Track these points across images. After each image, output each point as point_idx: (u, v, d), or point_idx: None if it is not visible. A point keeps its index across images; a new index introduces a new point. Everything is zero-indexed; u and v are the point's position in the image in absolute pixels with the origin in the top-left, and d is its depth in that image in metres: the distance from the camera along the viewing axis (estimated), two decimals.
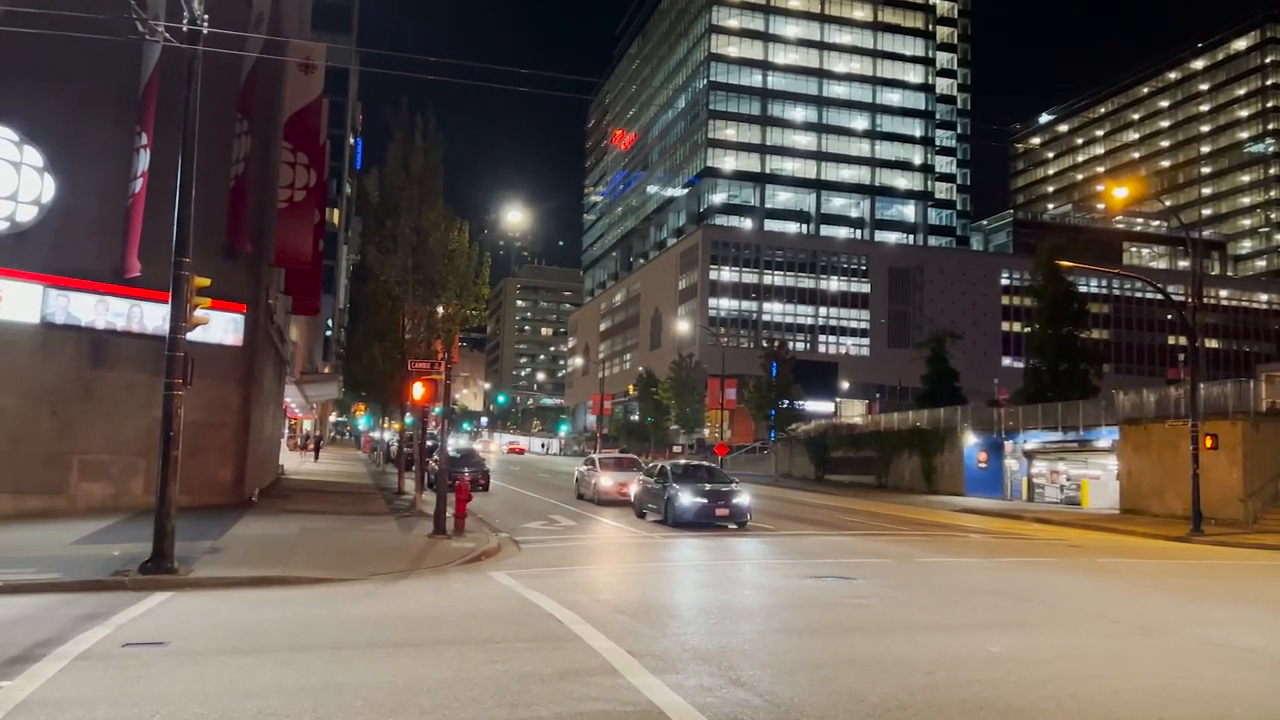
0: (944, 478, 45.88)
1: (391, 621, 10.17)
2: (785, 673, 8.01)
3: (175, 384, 13.78)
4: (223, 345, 23.57)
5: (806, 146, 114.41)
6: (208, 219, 22.69)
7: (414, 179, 25.52)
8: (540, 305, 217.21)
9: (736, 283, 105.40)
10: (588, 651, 8.62)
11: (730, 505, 22.58)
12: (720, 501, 22.64)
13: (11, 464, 20.48)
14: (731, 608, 11.60)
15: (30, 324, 20.67)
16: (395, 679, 7.46)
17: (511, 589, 12.62)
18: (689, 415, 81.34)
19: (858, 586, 13.58)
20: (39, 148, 20.83)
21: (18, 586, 12.41)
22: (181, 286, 13.88)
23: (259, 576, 13.58)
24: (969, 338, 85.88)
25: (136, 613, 10.34)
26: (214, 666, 7.76)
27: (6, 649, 8.32)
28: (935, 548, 20.06)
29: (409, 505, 26.08)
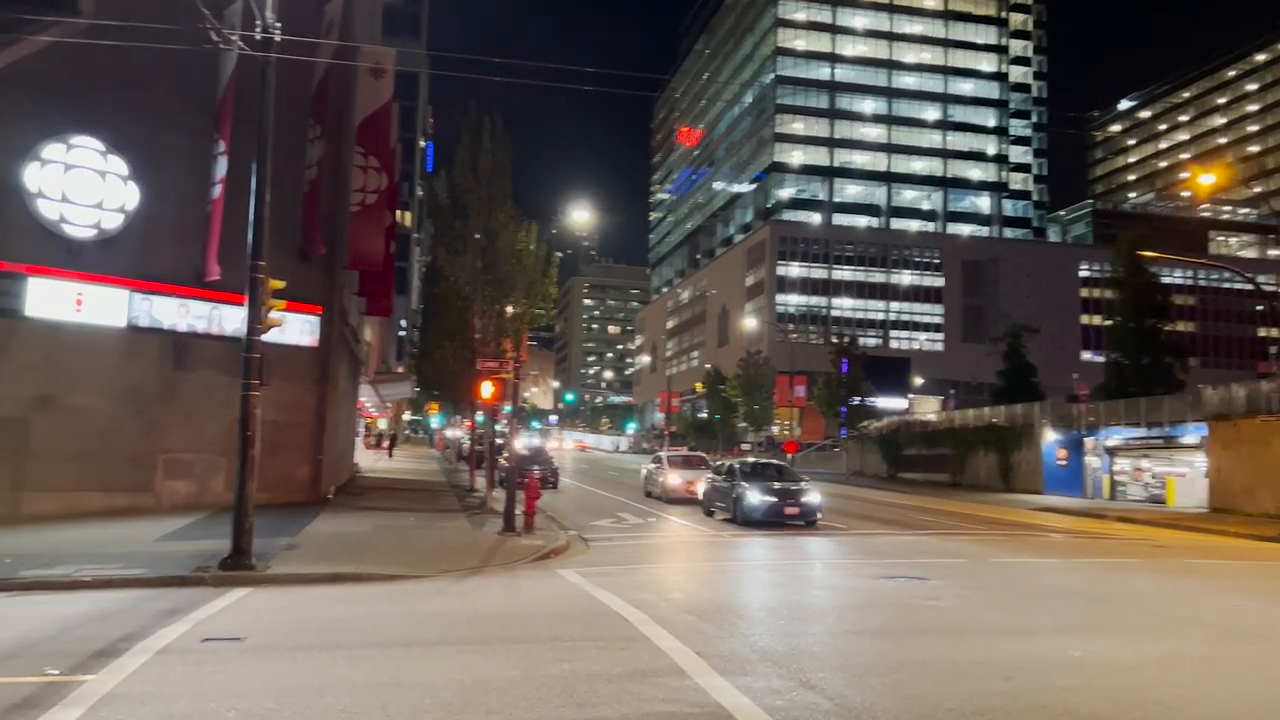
0: (1021, 476, 44.77)
1: (461, 619, 10.26)
2: (856, 676, 7.85)
3: (252, 384, 14.11)
4: (299, 346, 24.10)
5: (876, 139, 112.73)
6: (283, 223, 23.23)
7: (482, 181, 25.78)
8: (608, 304, 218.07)
9: (805, 278, 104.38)
10: (655, 651, 8.57)
11: (800, 504, 22.27)
12: (790, 500, 22.32)
13: (101, 463, 21.19)
14: (801, 608, 11.43)
15: (117, 327, 21.37)
16: (464, 677, 7.51)
17: (580, 587, 12.63)
18: (757, 413, 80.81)
19: (932, 587, 13.28)
20: (123, 157, 21.52)
21: (107, 581, 12.84)
22: (257, 289, 14.21)
23: (334, 573, 13.83)
24: (1046, 332, 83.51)
25: (215, 608, 10.60)
26: (288, 662, 7.91)
27: (93, 642, 8.60)
28: (1013, 547, 19.54)
29: (480, 503, 26.35)
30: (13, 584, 12.56)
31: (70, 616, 10.00)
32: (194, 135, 21.84)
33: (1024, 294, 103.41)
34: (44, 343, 20.50)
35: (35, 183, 20.37)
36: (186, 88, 21.91)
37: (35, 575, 13.03)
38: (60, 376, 20.71)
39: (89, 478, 21.01)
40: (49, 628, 9.37)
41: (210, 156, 21.11)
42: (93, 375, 21.12)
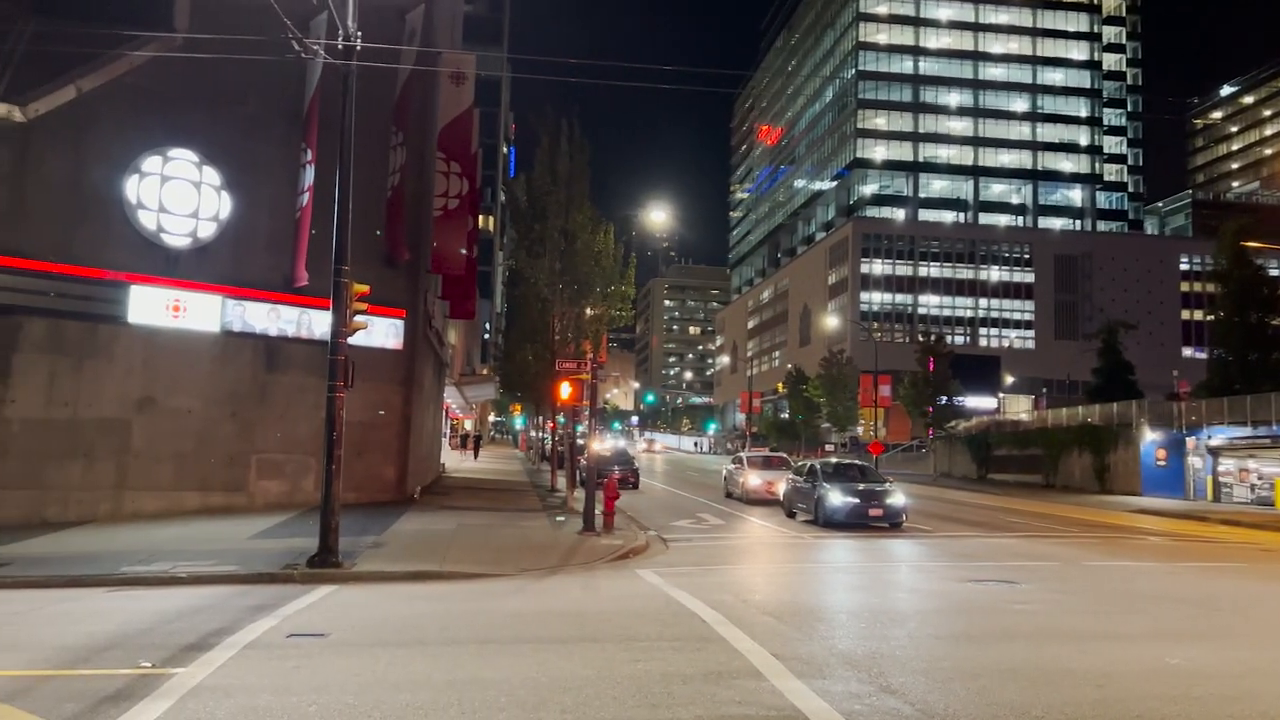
0: (1118, 477, 43.22)
1: (537, 617, 10.30)
2: (940, 681, 7.61)
3: (337, 386, 14.43)
4: (384, 349, 24.62)
5: (962, 132, 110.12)
6: (368, 229, 23.80)
7: (560, 183, 25.98)
8: (688, 304, 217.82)
9: (889, 276, 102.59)
10: (731, 653, 8.46)
11: (884, 505, 21.80)
12: (873, 501, 21.88)
13: (197, 463, 21.98)
14: (883, 611, 11.17)
15: (211, 332, 22.13)
16: (539, 675, 7.52)
17: (657, 587, 12.58)
18: (841, 413, 79.68)
19: (1021, 591, 12.85)
20: (216, 168, 22.28)
21: (200, 578, 13.28)
22: (341, 293, 14.53)
23: (416, 571, 14.06)
24: (1144, 328, 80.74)
25: (302, 605, 10.85)
26: (368, 658, 8.03)
27: (185, 636, 8.88)
28: (1107, 551, 18.83)
29: (560, 503, 26.54)
30: (113, 580, 13.08)
31: (165, 611, 10.35)
32: (283, 146, 22.51)
33: (1120, 289, 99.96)
34: (144, 347, 21.35)
35: (135, 194, 21.24)
36: (275, 100, 22.60)
37: (134, 571, 13.55)
38: (159, 380, 21.54)
39: (186, 477, 21.81)
40: (145, 621, 9.73)
41: (299, 165, 21.73)
42: (189, 378, 21.91)
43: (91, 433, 20.67)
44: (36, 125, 20.17)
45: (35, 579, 13.16)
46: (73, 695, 6.80)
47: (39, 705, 6.53)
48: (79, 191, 20.75)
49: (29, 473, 19.87)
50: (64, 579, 13.14)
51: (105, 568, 13.79)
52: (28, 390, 19.99)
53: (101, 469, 20.74)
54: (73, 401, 20.47)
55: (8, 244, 19.68)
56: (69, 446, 20.36)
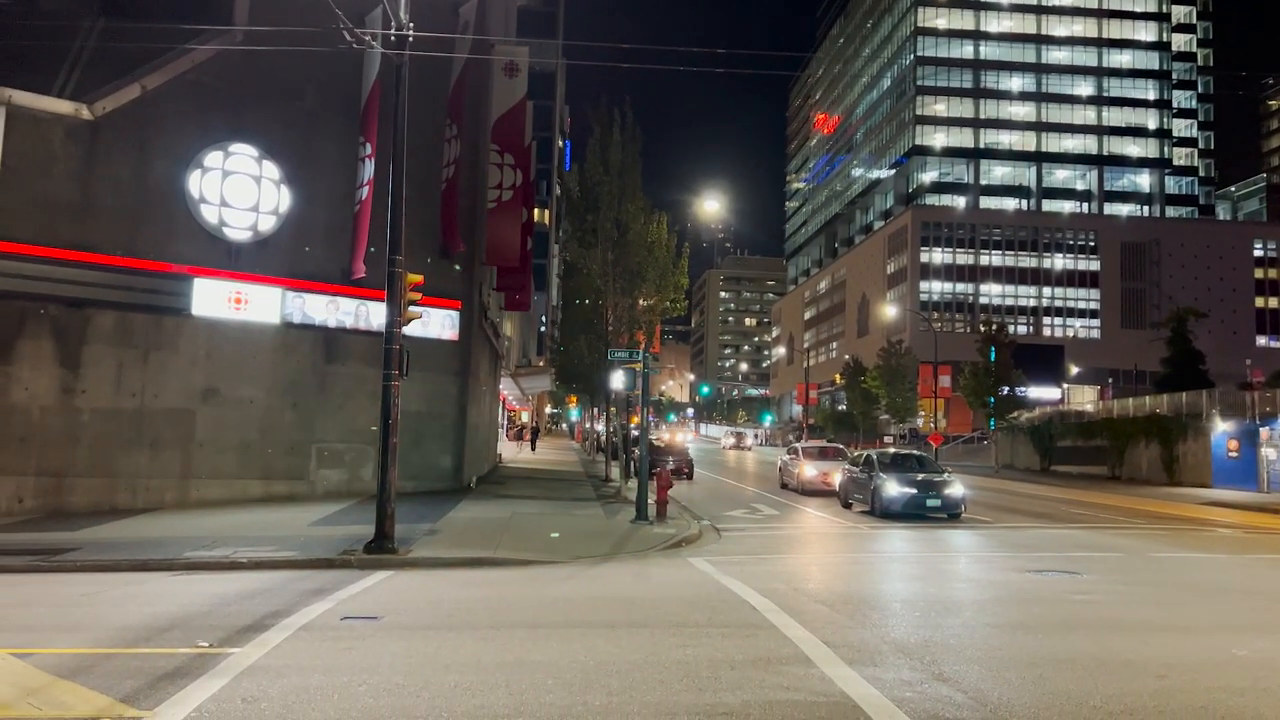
0: (1187, 468, 42.03)
1: (587, 603, 10.32)
2: (994, 670, 7.45)
3: (392, 375, 14.61)
4: (440, 340, 24.89)
5: (1024, 118, 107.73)
6: (423, 221, 24.04)
7: (613, 173, 26.04)
8: (743, 296, 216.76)
9: (950, 264, 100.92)
10: (781, 640, 8.38)
11: (942, 495, 21.49)
12: (931, 491, 21.59)
13: (260, 452, 22.44)
14: (938, 600, 10.97)
15: (272, 324, 22.54)
16: (587, 659, 7.53)
17: (709, 575, 12.52)
18: (899, 404, 78.61)
19: (1082, 582, 12.54)
20: (276, 162, 22.66)
21: (260, 563, 13.55)
22: (396, 283, 14.70)
23: (470, 558, 14.19)
24: (1215, 316, 78.51)
25: (357, 589, 11.01)
26: (419, 641, 8.11)
27: (242, 618, 9.07)
28: (1175, 542, 18.28)
29: (614, 492, 26.60)
30: (177, 564, 13.42)
31: (224, 594, 10.58)
32: (341, 140, 22.82)
33: (1190, 276, 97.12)
34: (207, 339, 21.83)
35: (198, 189, 21.69)
36: (333, 95, 22.91)
37: (197, 556, 13.88)
38: (222, 371, 22.01)
39: (250, 466, 22.28)
40: (204, 604, 9.95)
41: (357, 159, 22.01)
42: (251, 369, 22.36)
43: (158, 422, 21.19)
44: (103, 123, 20.71)
45: (104, 563, 13.55)
46: (132, 673, 6.97)
47: (101, 682, 6.71)
48: (144, 187, 21.24)
49: (99, 461, 20.44)
50: (130, 563, 13.50)
51: (170, 552, 14.14)
52: (98, 381, 20.55)
53: (168, 457, 21.26)
54: (140, 392, 20.99)
55: (77, 239, 20.23)
56: (136, 436, 20.90)
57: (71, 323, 20.33)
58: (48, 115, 20.21)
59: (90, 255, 20.39)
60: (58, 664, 7.18)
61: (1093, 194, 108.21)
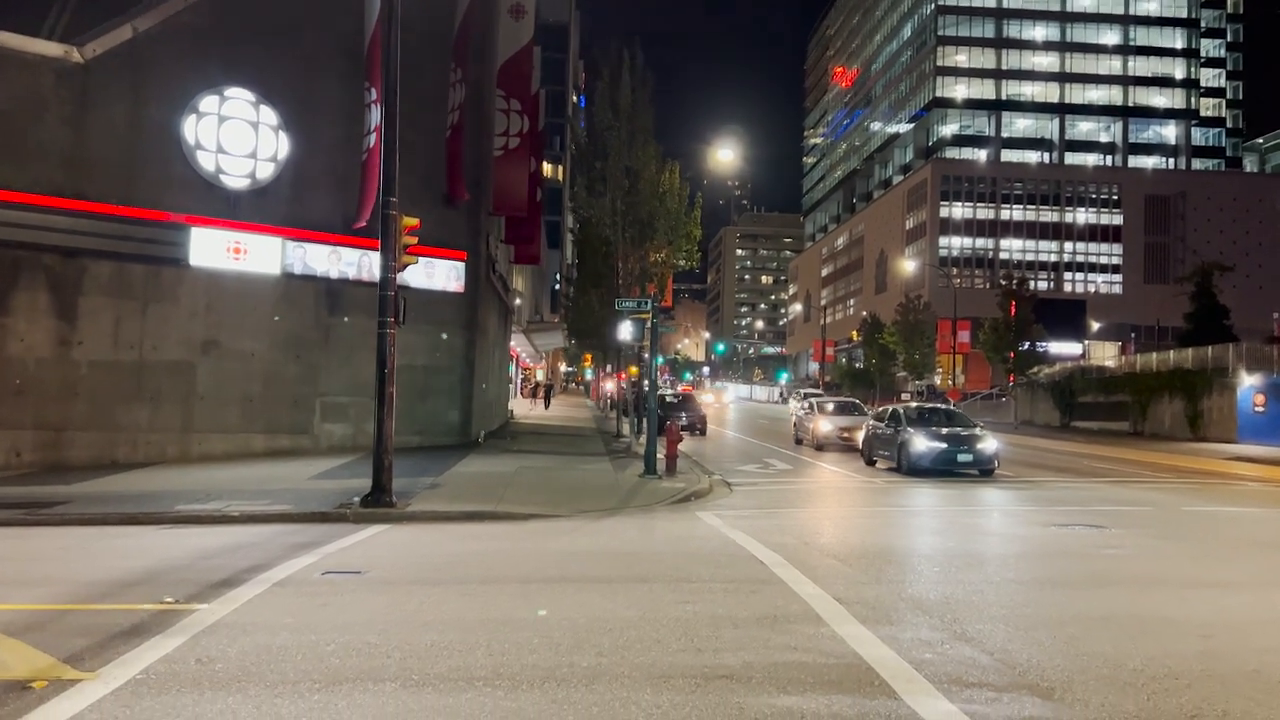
0: (1212, 423, 41.12)
1: (586, 557, 9.77)
2: (1021, 629, 6.83)
3: (388, 322, 14.02)
4: (445, 292, 24.31)
5: (1048, 68, 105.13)
6: (426, 168, 23.33)
7: (622, 117, 25.16)
8: (760, 253, 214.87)
9: (970, 219, 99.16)
10: (789, 596, 7.78)
11: (974, 450, 20.30)
12: (963, 446, 20.38)
13: (263, 406, 22.01)
14: (958, 555, 10.33)
15: (272, 275, 21.99)
16: (578, 616, 6.96)
17: (716, 529, 11.95)
18: (917, 360, 77.67)
19: (1111, 536, 11.88)
20: (273, 107, 21.95)
21: (253, 516, 13.10)
22: (390, 226, 14.04)
23: (471, 511, 13.71)
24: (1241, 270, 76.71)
25: (347, 543, 10.51)
26: (401, 596, 7.58)
27: (218, 573, 8.55)
28: (1203, 496, 17.58)
29: (625, 448, 26.12)
30: (166, 518, 12.98)
31: (208, 548, 10.10)
32: (342, 84, 22.08)
33: (1215, 230, 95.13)
34: (206, 291, 21.32)
35: (193, 135, 21.04)
36: (333, 37, 22.14)
37: (188, 510, 13.45)
38: (223, 323, 21.52)
39: (252, 420, 21.87)
40: (183, 558, 9.46)
41: (361, 105, 21.23)
42: (252, 322, 21.85)
43: (158, 375, 20.77)
44: (95, 66, 20.05)
45: (92, 516, 13.13)
46: (86, 630, 6.45)
47: (49, 641, 6.19)
48: (138, 133, 20.62)
49: (99, 415, 20.05)
50: (119, 516, 13.08)
51: (161, 506, 13.72)
52: (95, 333, 20.11)
53: (169, 411, 20.86)
54: (138, 344, 20.55)
55: (71, 187, 19.68)
56: (136, 389, 20.49)
57: (67, 273, 19.85)
58: (37, 58, 19.56)
59: (85, 204, 19.85)
60: (9, 620, 6.67)
61: (1117, 146, 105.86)
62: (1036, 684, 5.56)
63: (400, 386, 23.38)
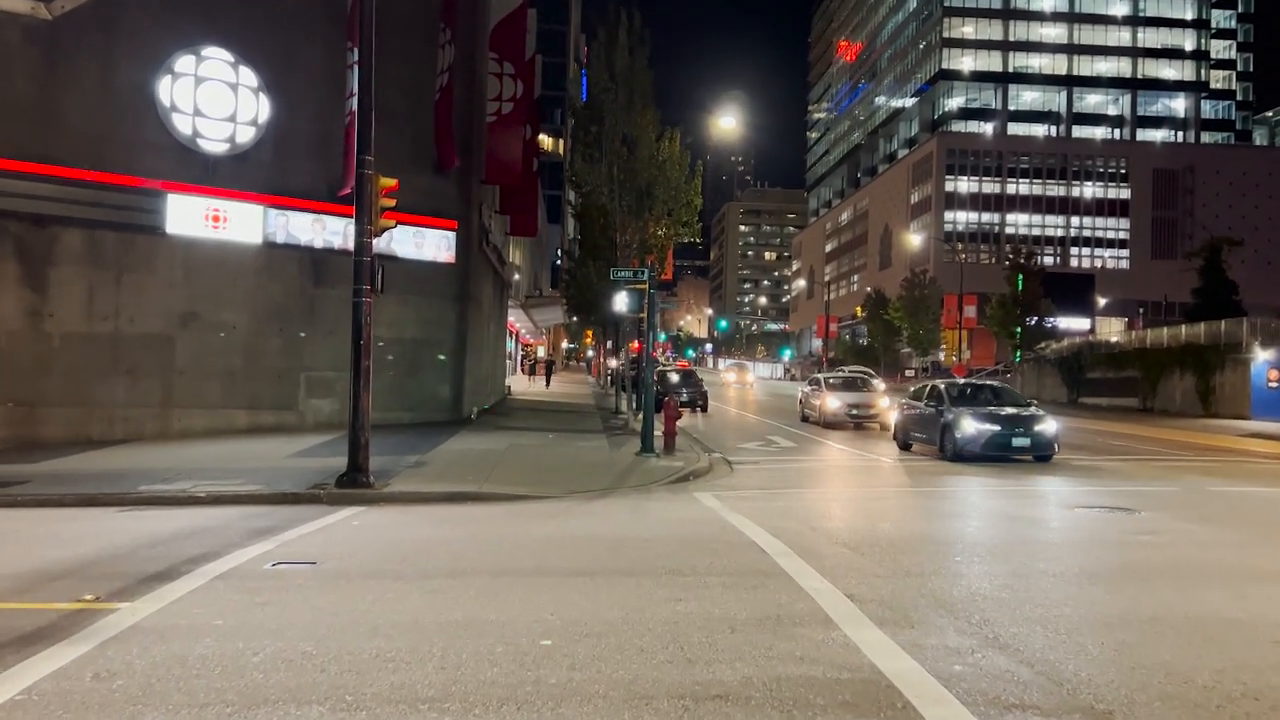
0: (1224, 399, 40.24)
1: (569, 545, 8.84)
2: (1064, 634, 5.91)
3: (363, 290, 13.11)
4: (436, 263, 23.40)
5: (1056, 39, 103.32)
6: (415, 133, 22.37)
7: (619, 80, 24.09)
8: (763, 229, 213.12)
9: (975, 193, 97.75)
10: (795, 592, 6.86)
11: (1032, 432, 17.90)
12: (1018, 428, 17.95)
13: (245, 381, 21.15)
14: (979, 542, 9.44)
15: (254, 244, 21.08)
16: (553, 617, 6.06)
17: (714, 512, 11.06)
18: (922, 336, 76.69)
19: (1142, 519, 10.98)
20: (253, 68, 20.95)
21: (220, 497, 12.25)
22: (365, 188, 13.09)
23: (453, 492, 12.85)
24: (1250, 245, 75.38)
25: (310, 528, 9.63)
26: (353, 592, 6.68)
27: (159, 562, 7.67)
28: (1229, 475, 16.67)
29: (623, 425, 25.25)
30: (128, 499, 12.13)
31: (158, 534, 9.22)
32: (325, 45, 21.12)
33: (1224, 205, 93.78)
34: (184, 260, 20.42)
35: (169, 96, 20.06)
36: None
37: (153, 490, 12.60)
38: (202, 294, 20.64)
39: (235, 395, 21.02)
40: (127, 546, 8.56)
41: (343, 67, 20.21)
42: (233, 293, 20.97)
43: (135, 349, 19.90)
44: (63, 23, 19.04)
45: (48, 497, 12.27)
46: None
47: None
48: (110, 94, 19.63)
49: (72, 390, 19.21)
50: (78, 497, 12.22)
51: (125, 486, 12.86)
52: (67, 304, 19.23)
53: (146, 386, 20.01)
54: (113, 316, 19.67)
55: (40, 150, 18.72)
56: (112, 363, 19.64)
57: (37, 242, 18.93)
58: (2, 14, 18.54)
59: (54, 168, 18.91)
60: None
61: (1125, 120, 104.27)
62: (1091, 706, 4.64)
63: (389, 361, 22.65)
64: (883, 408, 25.88)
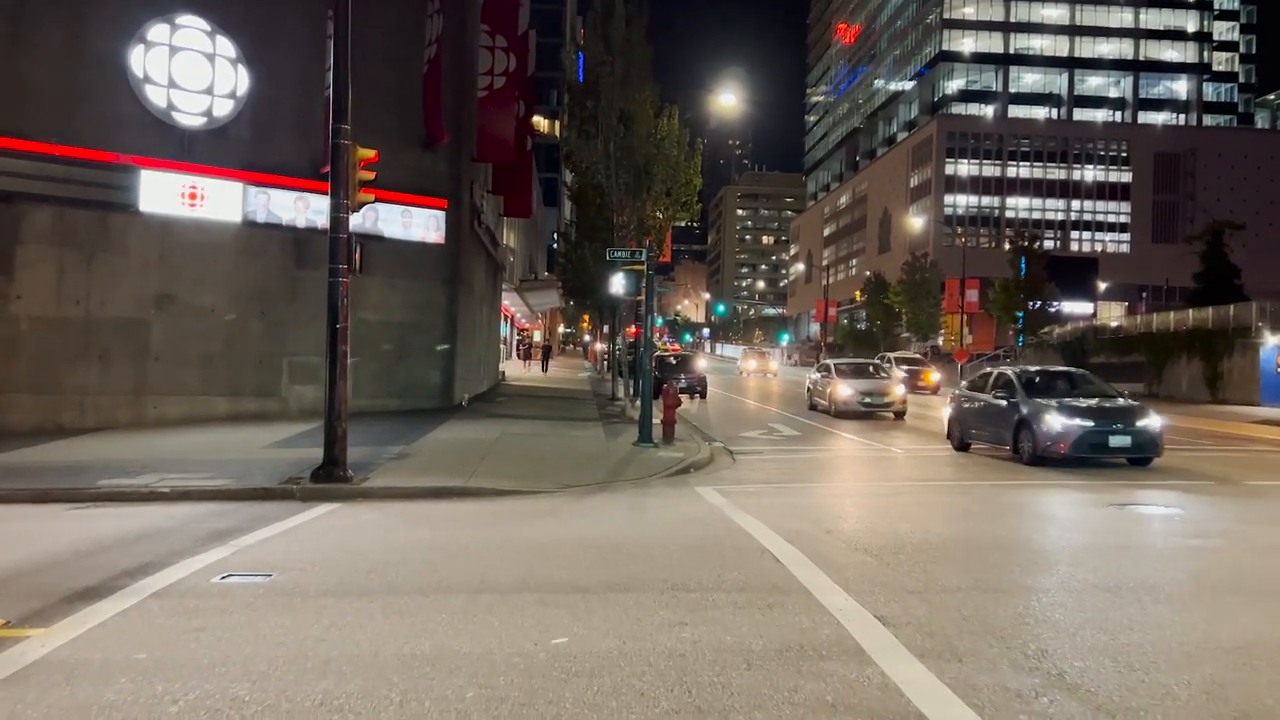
0: (1232, 385, 39.50)
1: (562, 552, 7.91)
2: (1138, 669, 4.98)
3: (340, 270, 12.18)
4: (425, 243, 22.50)
5: (1058, 20, 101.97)
6: (402, 106, 21.38)
7: (615, 52, 23.08)
8: (761, 213, 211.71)
9: (976, 176, 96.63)
10: (817, 613, 5.95)
11: (1132, 429, 14.67)
12: (1114, 424, 14.75)
13: (225, 366, 20.26)
14: (1016, 547, 8.52)
15: (233, 223, 20.16)
16: (536, 649, 5.16)
17: (718, 511, 10.15)
18: (923, 321, 75.76)
19: (1187, 521, 10.07)
20: (231, 38, 19.96)
21: (185, 493, 11.36)
22: (341, 158, 12.13)
23: (437, 487, 11.96)
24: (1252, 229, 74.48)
25: (275, 531, 8.73)
26: (308, 615, 5.77)
27: (92, 575, 6.75)
28: (1259, 467, 15.78)
29: (619, 412, 24.37)
30: (84, 495, 11.22)
31: (103, 538, 8.32)
32: (307, 15, 20.10)
33: (1226, 188, 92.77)
34: (160, 240, 19.50)
35: (142, 67, 19.07)
36: None
37: (112, 485, 11.69)
38: (179, 276, 19.72)
39: (213, 382, 20.13)
40: (64, 552, 7.65)
41: (326, 37, 19.20)
42: (212, 275, 20.06)
43: (107, 333, 18.97)
44: None
45: None
46: None
47: None
48: (80, 64, 18.63)
49: (41, 376, 18.31)
50: (31, 493, 11.30)
51: (84, 480, 11.96)
52: (35, 286, 18.30)
53: (119, 372, 19.10)
54: (84, 299, 18.73)
55: (4, 124, 17.76)
56: (83, 348, 18.72)
57: (2, 220, 18.00)
58: None
59: (20, 142, 17.96)
60: None
61: (1126, 102, 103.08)
62: None
63: (376, 346, 21.72)
64: (898, 396, 24.83)
